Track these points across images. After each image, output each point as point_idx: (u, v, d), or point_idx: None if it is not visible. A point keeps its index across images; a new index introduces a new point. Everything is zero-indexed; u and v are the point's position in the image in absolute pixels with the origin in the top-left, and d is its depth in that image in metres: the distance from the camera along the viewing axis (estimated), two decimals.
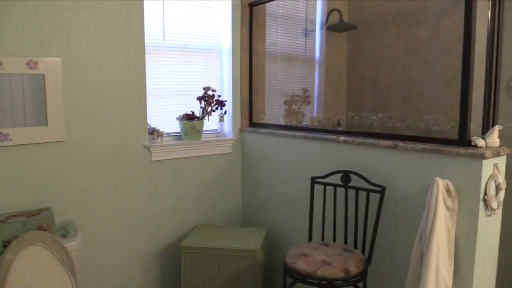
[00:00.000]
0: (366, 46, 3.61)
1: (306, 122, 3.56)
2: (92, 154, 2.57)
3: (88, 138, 2.54)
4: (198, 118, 2.99)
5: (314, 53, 3.68)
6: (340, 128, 3.52)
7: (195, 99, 2.99)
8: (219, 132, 3.24)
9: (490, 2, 1.98)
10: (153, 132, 2.83)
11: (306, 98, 3.49)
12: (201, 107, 3.01)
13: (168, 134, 2.99)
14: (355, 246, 2.27)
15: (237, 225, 3.34)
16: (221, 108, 3.09)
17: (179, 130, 3.00)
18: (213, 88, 3.02)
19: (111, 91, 2.60)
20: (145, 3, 2.70)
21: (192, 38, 3.04)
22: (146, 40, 2.72)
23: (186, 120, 2.95)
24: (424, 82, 3.16)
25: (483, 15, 2.04)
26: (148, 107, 2.78)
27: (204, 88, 3.00)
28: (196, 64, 3.10)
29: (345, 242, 2.34)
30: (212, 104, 3.02)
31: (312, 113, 3.64)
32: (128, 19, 2.61)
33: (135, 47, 2.66)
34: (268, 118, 3.37)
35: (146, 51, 2.72)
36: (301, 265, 2.05)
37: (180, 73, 3.03)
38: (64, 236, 2.35)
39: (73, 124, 2.48)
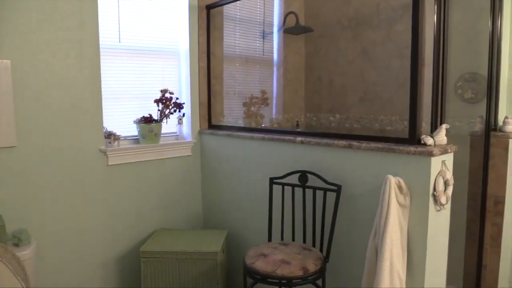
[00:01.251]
0: (323, 49, 3.69)
1: (265, 124, 3.59)
2: (46, 159, 2.48)
3: (40, 143, 2.46)
4: (156, 121, 2.96)
5: (272, 56, 3.73)
6: (299, 129, 3.57)
7: (153, 101, 2.95)
8: (178, 135, 3.21)
9: (436, 7, 2.07)
10: (110, 135, 2.77)
11: (264, 100, 3.52)
12: (158, 110, 2.97)
13: (126, 138, 2.94)
14: (314, 245, 2.32)
15: (199, 228, 3.32)
16: (179, 111, 3.07)
17: (136, 133, 2.95)
18: (170, 91, 2.99)
19: (64, 94, 2.53)
20: (100, 4, 2.65)
21: (148, 40, 3.01)
22: (101, 42, 2.66)
23: (144, 123, 2.90)
24: (378, 83, 3.26)
25: (430, 19, 2.13)
26: (104, 110, 2.72)
27: (161, 91, 2.97)
28: (153, 66, 3.07)
29: (304, 241, 2.38)
30: (170, 107, 3.00)
31: (271, 114, 3.68)
32: (81, 20, 2.55)
33: (89, 49, 2.60)
34: (227, 120, 3.38)
35: (101, 53, 2.66)
36: (260, 265, 2.07)
37: (137, 76, 2.98)
38: (16, 245, 2.25)
39: (24, 129, 2.39)
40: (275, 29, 3.73)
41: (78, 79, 2.57)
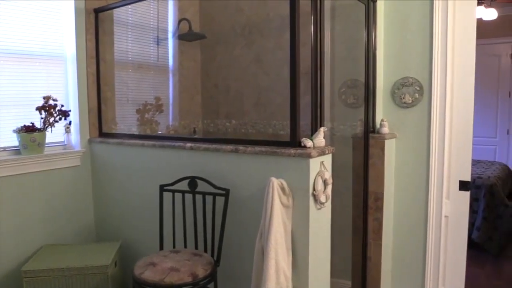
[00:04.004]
0: (218, 56, 3.73)
1: (161, 131, 3.53)
2: None
3: None
4: (39, 129, 2.76)
5: (168, 62, 3.69)
6: (196, 136, 3.57)
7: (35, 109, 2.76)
8: (66, 144, 3.03)
9: (312, 17, 2.20)
10: None
11: (159, 107, 3.47)
12: (41, 118, 2.78)
13: (5, 149, 2.71)
14: (206, 250, 2.32)
15: (91, 241, 3.15)
16: (65, 119, 2.90)
17: (17, 143, 2.73)
18: (54, 97, 2.81)
19: None
20: None
21: (30, 44, 2.80)
22: None
23: (25, 132, 2.70)
24: (270, 89, 3.38)
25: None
26: None
27: (44, 98, 2.78)
28: (36, 72, 2.86)
29: (196, 247, 2.37)
30: (55, 115, 2.82)
31: (168, 121, 3.63)
32: None
33: None
34: (120, 128, 3.26)
35: None
36: (148, 275, 2.02)
37: (17, 82, 2.76)
38: None
39: None
40: (170, 35, 3.70)
41: None
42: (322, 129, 2.12)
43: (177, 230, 2.42)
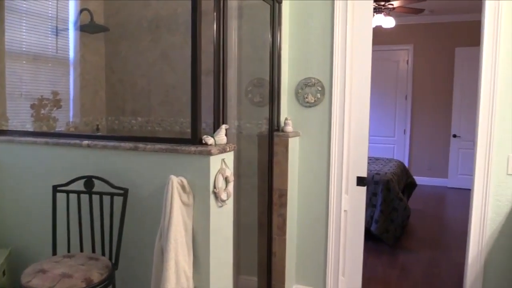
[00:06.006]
0: (123, 50, 3.58)
1: (61, 128, 3.30)
2: None
3: None
4: None
5: (68, 54, 3.46)
6: (99, 133, 3.39)
7: None
8: None
9: (215, 14, 2.19)
10: None
11: (57, 102, 3.24)
12: None
13: None
14: (103, 253, 2.21)
15: None
16: None
17: None
18: None
19: None
20: None
21: None
22: None
23: None
24: (177, 87, 3.32)
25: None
26: None
27: None
28: None
29: (93, 251, 2.25)
30: None
31: (68, 118, 3.41)
32: None
33: None
34: (13, 125, 2.99)
35: None
36: (36, 283, 1.87)
37: None
38: None
39: None
40: (71, 26, 3.47)
41: None
42: (223, 126, 2.12)
43: (72, 234, 2.27)
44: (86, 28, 3.32)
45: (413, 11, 5.55)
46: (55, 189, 2.26)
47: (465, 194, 6.47)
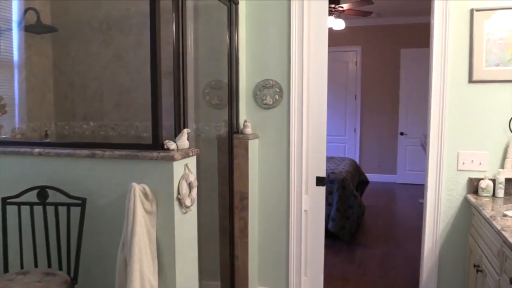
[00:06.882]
0: (73, 52, 3.41)
1: (6, 135, 3.09)
2: None
3: None
4: None
5: (12, 56, 3.25)
6: (47, 140, 3.21)
7: None
8: None
9: (174, 15, 2.13)
10: None
11: (1, 107, 3.03)
12: None
13: None
14: (60, 268, 2.09)
15: None
16: None
17: None
18: None
19: None
20: None
21: None
22: None
23: None
24: (132, 89, 3.21)
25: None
26: None
27: None
28: None
29: (49, 266, 2.12)
30: None
31: (14, 124, 3.20)
32: None
33: None
34: None
35: None
36: None
37: None
38: None
39: None
40: (15, 26, 3.27)
41: None
42: (185, 130, 2.07)
43: (25, 248, 2.13)
44: (32, 28, 3.13)
45: (361, 14, 5.72)
46: (5, 201, 2.11)
47: (413, 189, 6.81)
